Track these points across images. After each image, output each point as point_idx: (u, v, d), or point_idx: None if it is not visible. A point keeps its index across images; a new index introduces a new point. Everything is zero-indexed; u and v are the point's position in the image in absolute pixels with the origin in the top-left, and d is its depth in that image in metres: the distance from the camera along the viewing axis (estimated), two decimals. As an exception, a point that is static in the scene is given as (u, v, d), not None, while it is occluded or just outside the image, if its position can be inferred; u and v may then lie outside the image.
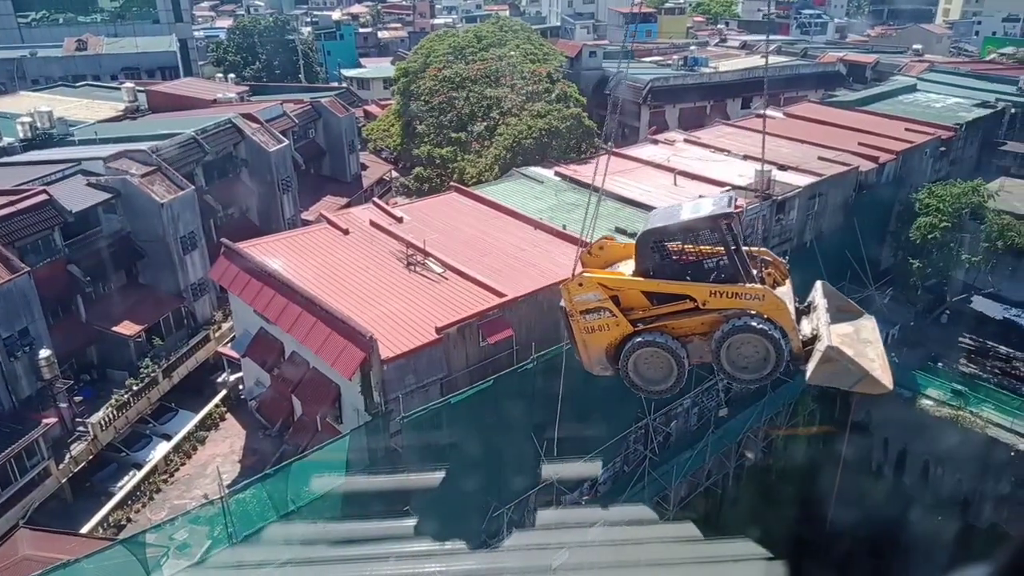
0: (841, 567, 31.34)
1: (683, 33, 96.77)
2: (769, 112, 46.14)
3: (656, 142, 40.31)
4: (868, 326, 14.58)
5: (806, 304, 15.08)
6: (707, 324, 14.11)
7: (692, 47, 75.26)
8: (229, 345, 30.27)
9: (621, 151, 38.73)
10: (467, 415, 21.00)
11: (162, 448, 27.48)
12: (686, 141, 39.83)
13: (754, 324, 13.51)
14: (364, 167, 50.04)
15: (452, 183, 36.08)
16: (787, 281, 14.84)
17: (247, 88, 50.98)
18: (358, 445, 19.99)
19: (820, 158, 35.49)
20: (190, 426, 28.50)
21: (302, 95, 49.25)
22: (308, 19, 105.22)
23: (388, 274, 24.13)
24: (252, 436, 28.41)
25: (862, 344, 13.96)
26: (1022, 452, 29.05)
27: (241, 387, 29.60)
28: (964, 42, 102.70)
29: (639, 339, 14.30)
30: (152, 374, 28.77)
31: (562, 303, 14.82)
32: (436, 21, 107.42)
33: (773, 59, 64.43)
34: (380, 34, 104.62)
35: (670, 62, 64.52)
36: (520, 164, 37.30)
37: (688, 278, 14.09)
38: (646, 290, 14.38)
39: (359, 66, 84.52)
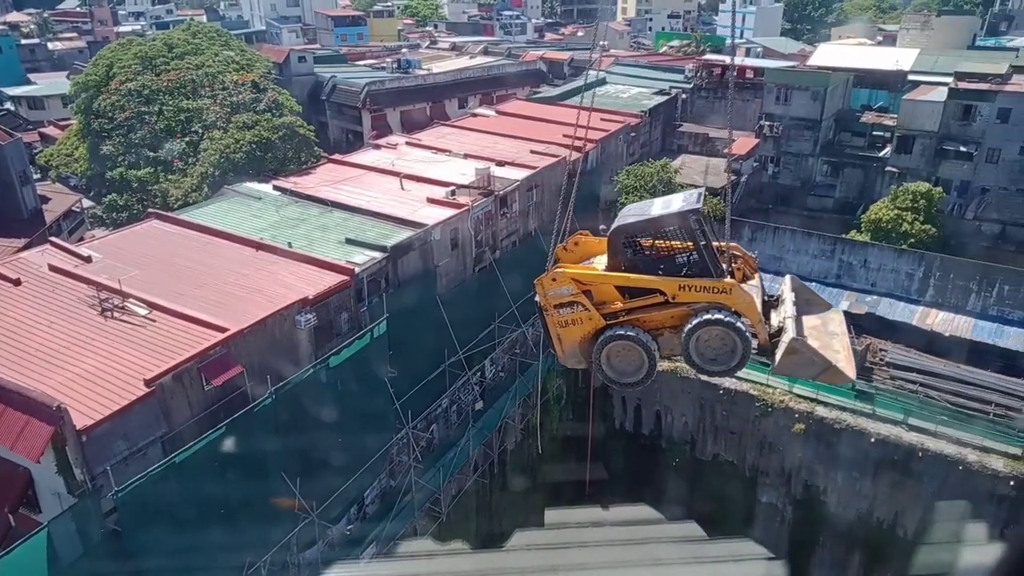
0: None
1: (395, 36, 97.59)
2: (482, 110, 48.19)
3: (379, 147, 39.74)
4: (835, 319, 15.29)
5: (775, 297, 15.62)
6: (677, 317, 14.39)
7: (404, 49, 76.07)
8: None
9: (344, 159, 37.61)
10: (201, 471, 18.64)
11: None
12: (408, 144, 39.82)
13: (721, 317, 13.82)
14: (45, 200, 42.78)
15: (152, 209, 32.05)
16: (756, 275, 15.36)
17: None
18: (65, 535, 16.75)
19: (532, 151, 37.66)
20: None
21: (-55, 122, 40.84)
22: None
23: (78, 326, 20.50)
24: (-76, 550, 22.65)
25: (829, 336, 14.61)
26: (729, 389, 33.64)
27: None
28: (641, 37, 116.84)
29: (611, 332, 14.54)
30: None
31: (536, 298, 14.81)
32: (121, 28, 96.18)
33: (481, 60, 67.45)
34: (51, 45, 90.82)
35: (384, 65, 64.45)
36: (232, 181, 34.34)
37: (659, 273, 14.37)
38: (618, 284, 14.60)
39: (27, 83, 72.53)
